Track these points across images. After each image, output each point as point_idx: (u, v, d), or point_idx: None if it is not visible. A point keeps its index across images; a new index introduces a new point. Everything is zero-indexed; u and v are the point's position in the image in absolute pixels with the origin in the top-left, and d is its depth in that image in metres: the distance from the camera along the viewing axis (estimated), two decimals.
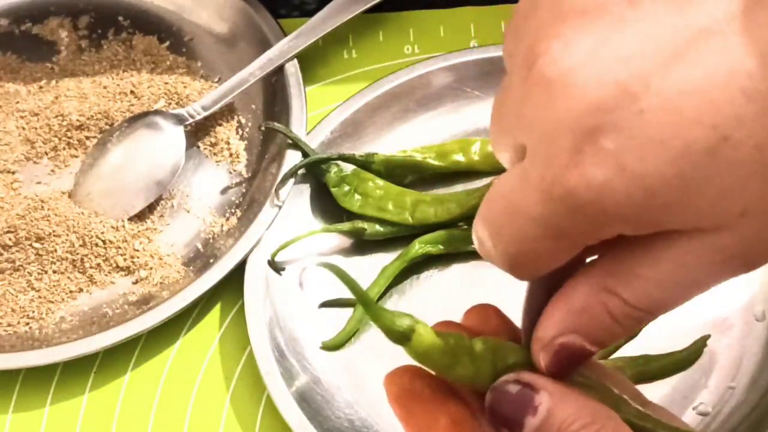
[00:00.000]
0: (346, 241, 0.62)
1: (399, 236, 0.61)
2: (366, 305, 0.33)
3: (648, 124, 0.28)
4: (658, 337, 0.57)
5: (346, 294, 0.60)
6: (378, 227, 0.61)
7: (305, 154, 0.62)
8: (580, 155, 0.29)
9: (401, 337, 0.33)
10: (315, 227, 0.62)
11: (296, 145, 0.63)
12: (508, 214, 0.31)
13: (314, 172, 0.63)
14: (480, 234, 0.33)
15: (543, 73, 0.29)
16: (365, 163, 0.62)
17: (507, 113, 0.32)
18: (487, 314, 0.36)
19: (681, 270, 0.31)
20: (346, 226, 0.61)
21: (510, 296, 0.59)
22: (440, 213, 0.60)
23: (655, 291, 0.31)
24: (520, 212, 0.31)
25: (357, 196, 0.62)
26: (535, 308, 0.34)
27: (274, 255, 0.60)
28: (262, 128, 0.64)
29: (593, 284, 0.32)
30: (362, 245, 0.62)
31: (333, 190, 0.62)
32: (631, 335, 0.32)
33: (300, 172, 0.62)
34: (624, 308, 0.32)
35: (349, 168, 0.62)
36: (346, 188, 0.62)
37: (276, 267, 0.60)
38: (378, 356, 0.58)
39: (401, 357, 0.61)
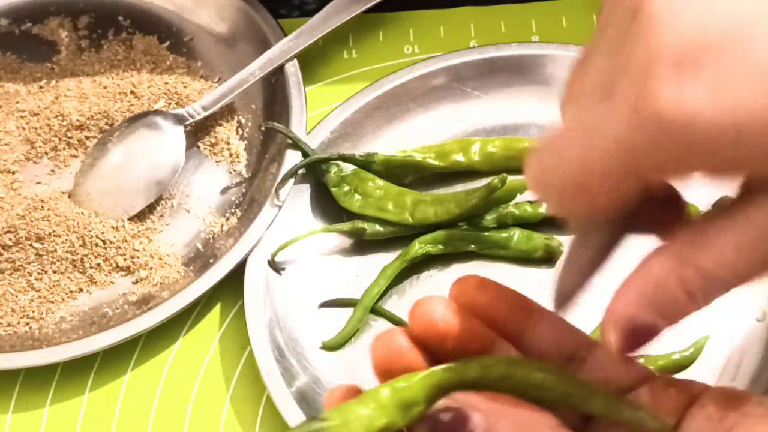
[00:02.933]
0: (346, 241, 0.62)
1: (399, 236, 0.61)
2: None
3: (753, 60, 0.28)
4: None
5: (346, 294, 0.60)
6: (378, 227, 0.61)
7: (305, 154, 0.62)
8: (677, 78, 0.28)
9: None
10: (315, 227, 0.62)
11: (296, 145, 0.63)
12: (583, 130, 0.30)
13: (314, 172, 0.63)
14: (540, 156, 0.32)
15: (653, 8, 0.29)
16: (365, 163, 0.62)
17: (596, 58, 0.31)
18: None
19: (758, 230, 0.31)
20: (346, 226, 0.61)
21: None
22: (440, 213, 0.60)
23: (733, 254, 0.31)
24: (598, 130, 0.30)
25: (357, 196, 0.62)
26: (573, 273, 0.35)
27: (274, 255, 0.60)
28: (262, 128, 0.64)
29: (670, 256, 0.32)
30: (362, 245, 0.62)
31: (333, 190, 0.62)
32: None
33: (300, 172, 0.62)
34: (700, 279, 0.31)
35: (349, 168, 0.62)
36: (346, 188, 0.62)
37: (276, 267, 0.60)
38: None
39: None
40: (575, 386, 0.33)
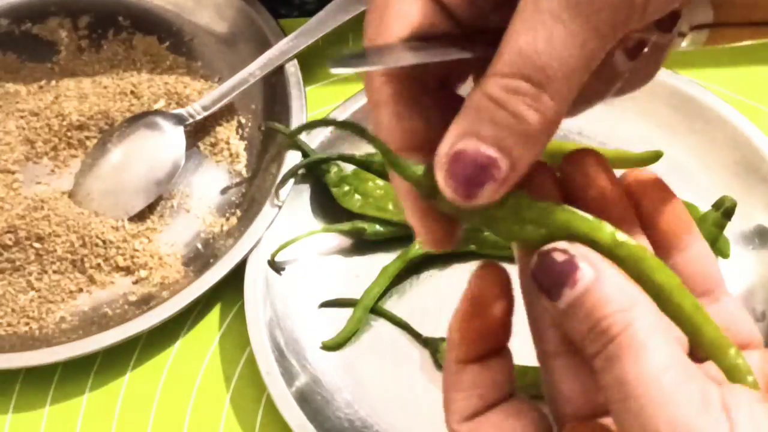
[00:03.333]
0: (346, 241, 0.62)
1: (399, 236, 0.61)
2: (389, 159, 0.32)
3: None
4: None
5: (346, 294, 0.60)
6: (378, 227, 0.61)
7: (305, 154, 0.62)
8: None
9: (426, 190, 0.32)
10: (315, 227, 0.62)
11: (296, 145, 0.63)
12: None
13: (314, 172, 0.63)
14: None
15: None
16: (365, 163, 0.62)
17: None
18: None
19: (538, 17, 0.29)
20: (346, 226, 0.61)
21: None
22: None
23: (523, 47, 0.29)
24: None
25: (357, 196, 0.62)
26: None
27: (274, 255, 0.60)
28: (262, 128, 0.64)
29: (481, 81, 0.30)
30: (362, 245, 0.62)
31: (333, 190, 0.62)
32: (536, 136, 0.30)
33: (300, 172, 0.62)
34: (500, 82, 0.29)
35: (349, 168, 0.62)
36: (346, 188, 0.62)
37: (276, 267, 0.60)
38: (378, 356, 0.58)
39: (402, 357, 0.61)
40: (694, 309, 0.32)
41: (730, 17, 0.38)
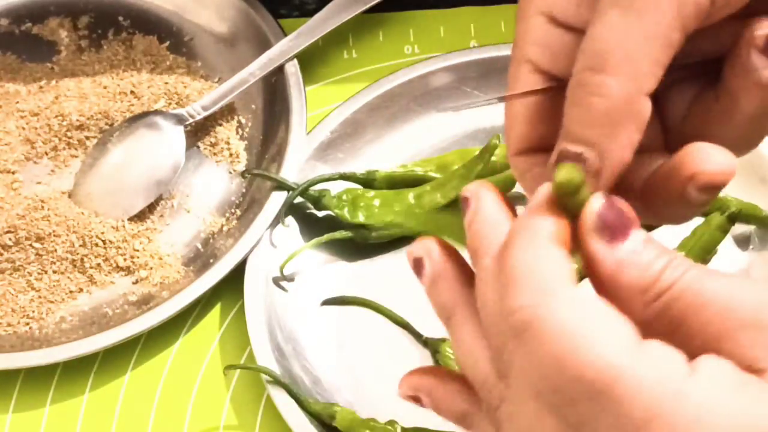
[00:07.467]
0: (350, 244, 0.62)
1: (403, 237, 0.61)
2: None
3: None
4: None
5: (346, 293, 0.60)
6: (382, 231, 0.61)
7: (291, 188, 0.61)
8: None
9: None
10: (317, 229, 0.62)
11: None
12: None
13: (306, 204, 0.62)
14: None
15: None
16: (367, 181, 0.62)
17: None
18: None
19: (598, 16, 0.31)
20: (350, 233, 0.61)
21: None
22: (446, 193, 0.60)
23: (586, 41, 0.31)
24: None
25: (360, 213, 0.61)
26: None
27: (282, 267, 0.59)
28: (246, 176, 0.63)
29: None
30: (363, 246, 0.62)
31: (335, 212, 0.61)
32: (608, 121, 0.31)
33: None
34: (572, 81, 0.32)
35: (334, 190, 0.61)
36: (346, 208, 0.61)
37: (282, 277, 0.60)
38: (378, 356, 0.58)
39: (402, 357, 0.61)
40: None
41: None
